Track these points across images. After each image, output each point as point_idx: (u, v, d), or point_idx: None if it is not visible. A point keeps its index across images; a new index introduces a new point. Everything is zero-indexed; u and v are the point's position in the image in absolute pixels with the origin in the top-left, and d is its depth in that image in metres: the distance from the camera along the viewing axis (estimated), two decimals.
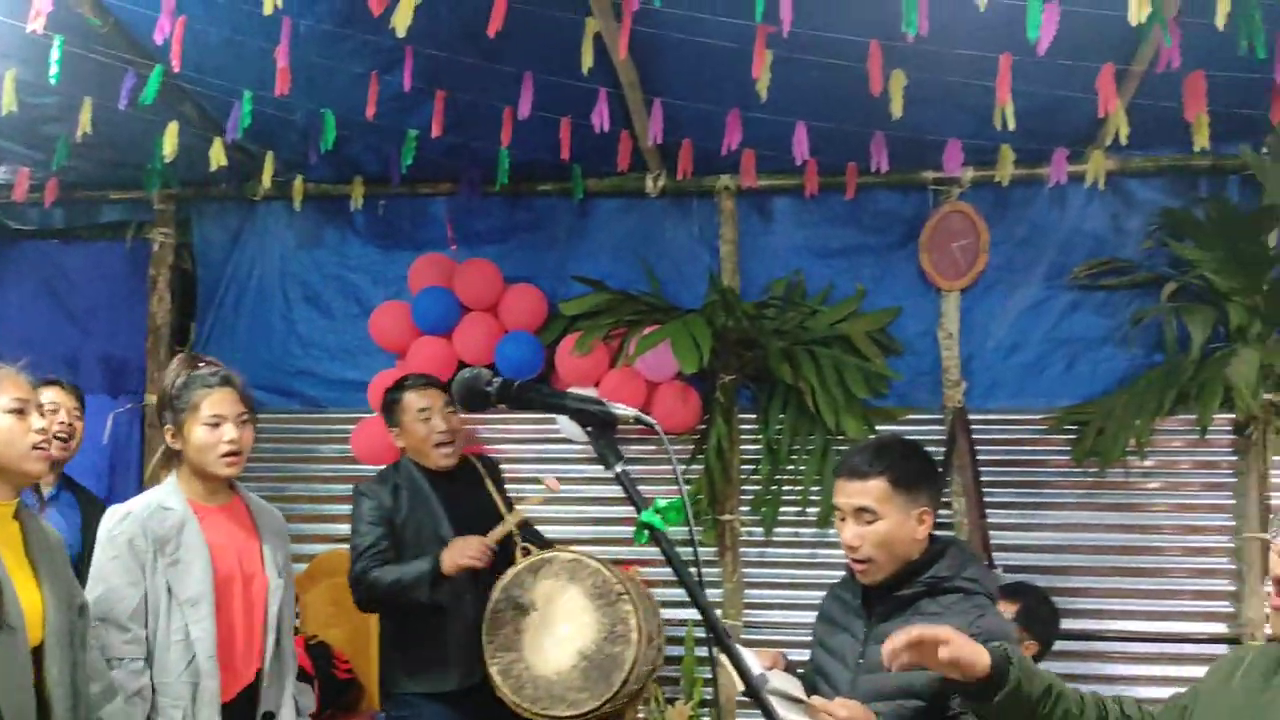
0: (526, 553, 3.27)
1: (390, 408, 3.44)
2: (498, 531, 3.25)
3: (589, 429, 1.44)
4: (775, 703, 1.58)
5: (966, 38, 3.18)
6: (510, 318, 4.35)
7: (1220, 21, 2.64)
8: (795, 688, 2.11)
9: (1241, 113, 3.46)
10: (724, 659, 2.02)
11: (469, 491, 3.46)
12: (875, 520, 2.15)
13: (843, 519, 2.22)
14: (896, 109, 3.28)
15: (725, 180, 4.35)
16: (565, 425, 4.30)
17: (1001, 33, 3.00)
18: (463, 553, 3.10)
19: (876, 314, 4.32)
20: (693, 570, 1.37)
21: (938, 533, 2.25)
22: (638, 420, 1.43)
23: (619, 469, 1.42)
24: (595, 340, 4.19)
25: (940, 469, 4.15)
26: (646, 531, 1.38)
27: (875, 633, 2.19)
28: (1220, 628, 4.10)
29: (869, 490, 2.16)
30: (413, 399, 3.38)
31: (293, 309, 4.69)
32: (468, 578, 3.21)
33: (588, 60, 3.19)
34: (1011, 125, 3.18)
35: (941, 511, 4.17)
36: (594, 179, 4.39)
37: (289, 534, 3.07)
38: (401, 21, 2.89)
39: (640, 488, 1.51)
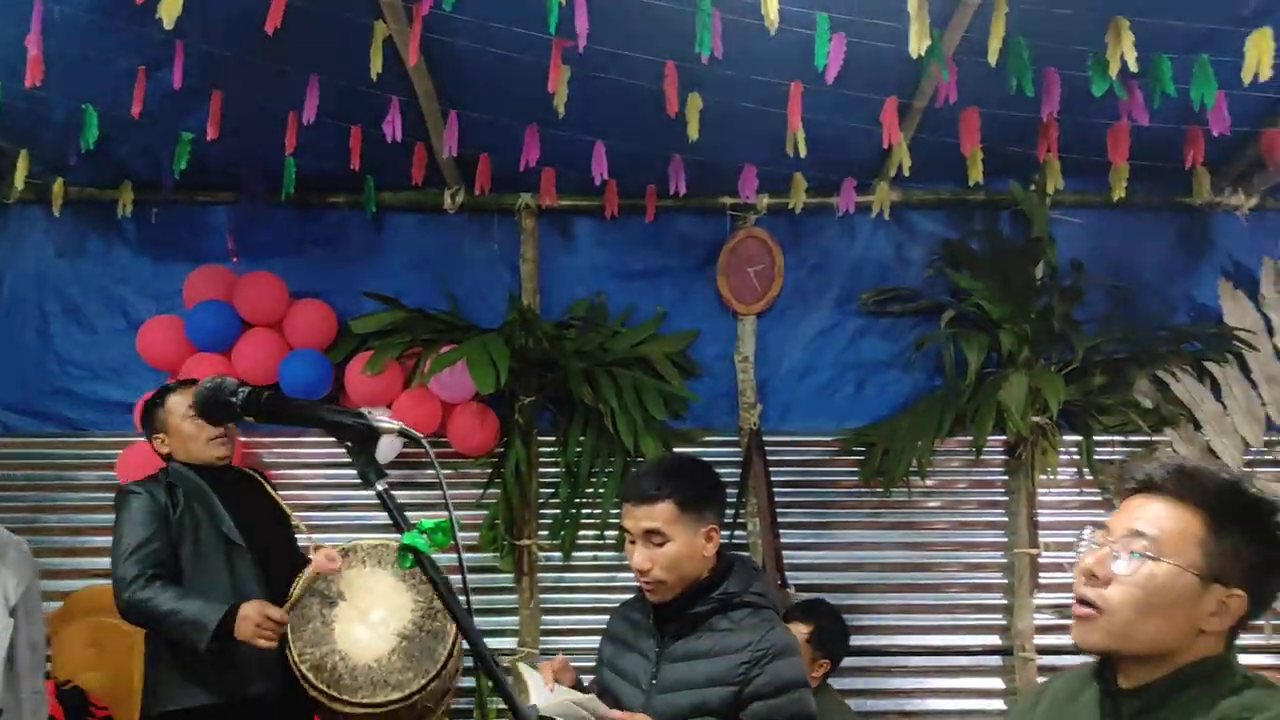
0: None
1: (152, 413, 3.18)
2: (296, 592, 3.06)
3: (348, 444, 1.32)
4: None
5: (760, 64, 3.23)
6: (296, 335, 4.12)
7: (993, 59, 2.78)
8: (584, 704, 2.05)
9: (1013, 150, 3.66)
10: (524, 673, 1.96)
11: (250, 493, 3.28)
12: (665, 542, 2.15)
13: (632, 542, 2.21)
14: (693, 132, 3.30)
15: (526, 198, 4.28)
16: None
17: (794, 61, 3.06)
18: (259, 632, 2.85)
19: (676, 336, 4.34)
20: (462, 597, 1.28)
21: (732, 548, 2.27)
22: (402, 434, 1.33)
23: (380, 487, 1.31)
24: (388, 360, 4.02)
25: (733, 487, 4.22)
26: (410, 555, 1.27)
27: (668, 651, 2.19)
28: (994, 639, 4.30)
29: (656, 514, 2.15)
30: (177, 399, 3.15)
31: (50, 323, 4.29)
32: (259, 574, 3.06)
33: (377, 65, 3.06)
34: (803, 153, 3.26)
35: (737, 532, 4.25)
36: (389, 192, 4.23)
37: (38, 568, 2.77)
38: (169, 12, 2.68)
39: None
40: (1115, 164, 3.46)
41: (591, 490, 4.29)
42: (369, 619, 3.05)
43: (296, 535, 3.33)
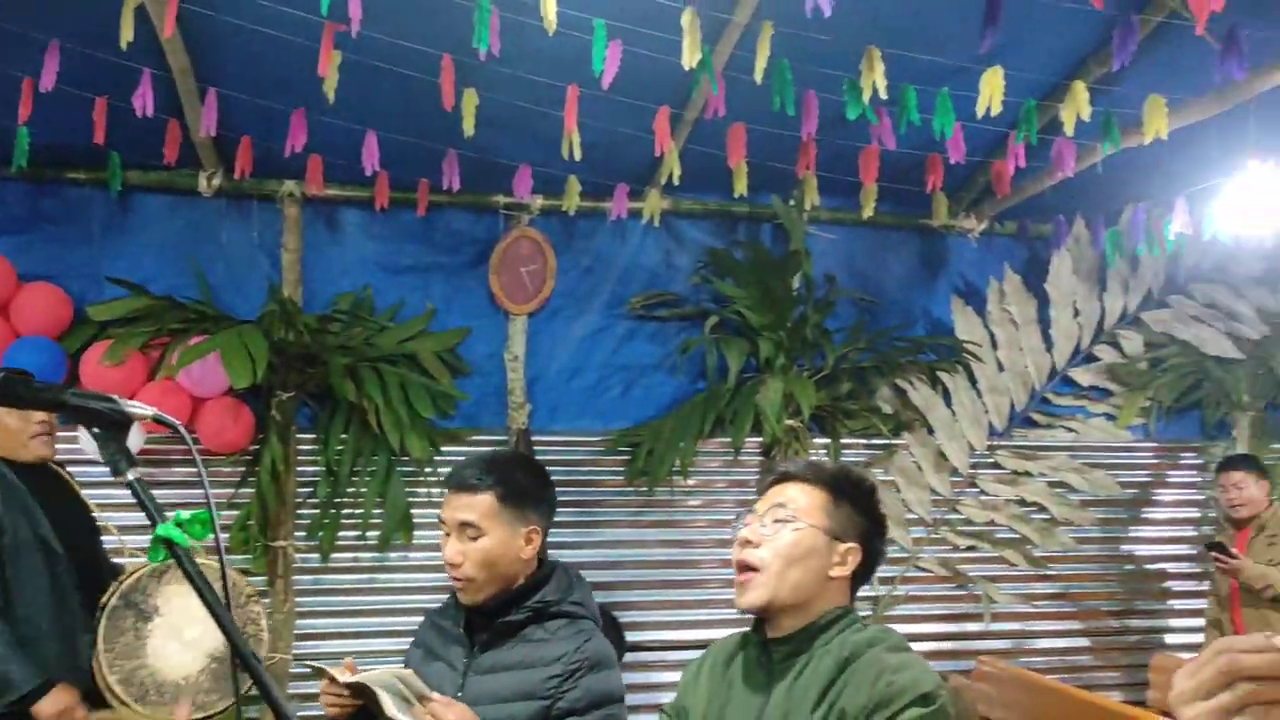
0: None
1: None
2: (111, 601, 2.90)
3: (95, 431, 1.22)
4: None
5: (539, 65, 3.25)
6: (25, 320, 3.78)
7: (758, 77, 2.91)
8: (405, 678, 1.95)
9: (775, 165, 3.85)
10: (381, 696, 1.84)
11: (60, 492, 3.04)
12: (479, 536, 2.03)
13: (447, 534, 2.08)
14: (469, 128, 3.27)
15: (290, 185, 4.11)
16: (84, 441, 3.80)
17: (571, 64, 3.10)
18: None
19: (446, 334, 4.28)
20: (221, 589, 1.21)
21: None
22: (158, 420, 1.24)
23: (132, 476, 1.22)
24: (130, 349, 3.75)
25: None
26: (164, 547, 1.20)
27: (477, 663, 2.07)
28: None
29: (475, 505, 2.04)
30: None
31: None
32: (77, 583, 2.89)
33: (127, 34, 2.85)
34: (578, 156, 3.30)
35: None
36: (137, 171, 3.95)
37: None
38: None
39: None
40: (866, 184, 3.71)
41: (353, 490, 4.16)
42: (183, 636, 2.98)
43: (106, 537, 3.17)
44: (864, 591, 1.83)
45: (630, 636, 4.32)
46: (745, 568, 1.73)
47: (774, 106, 3.09)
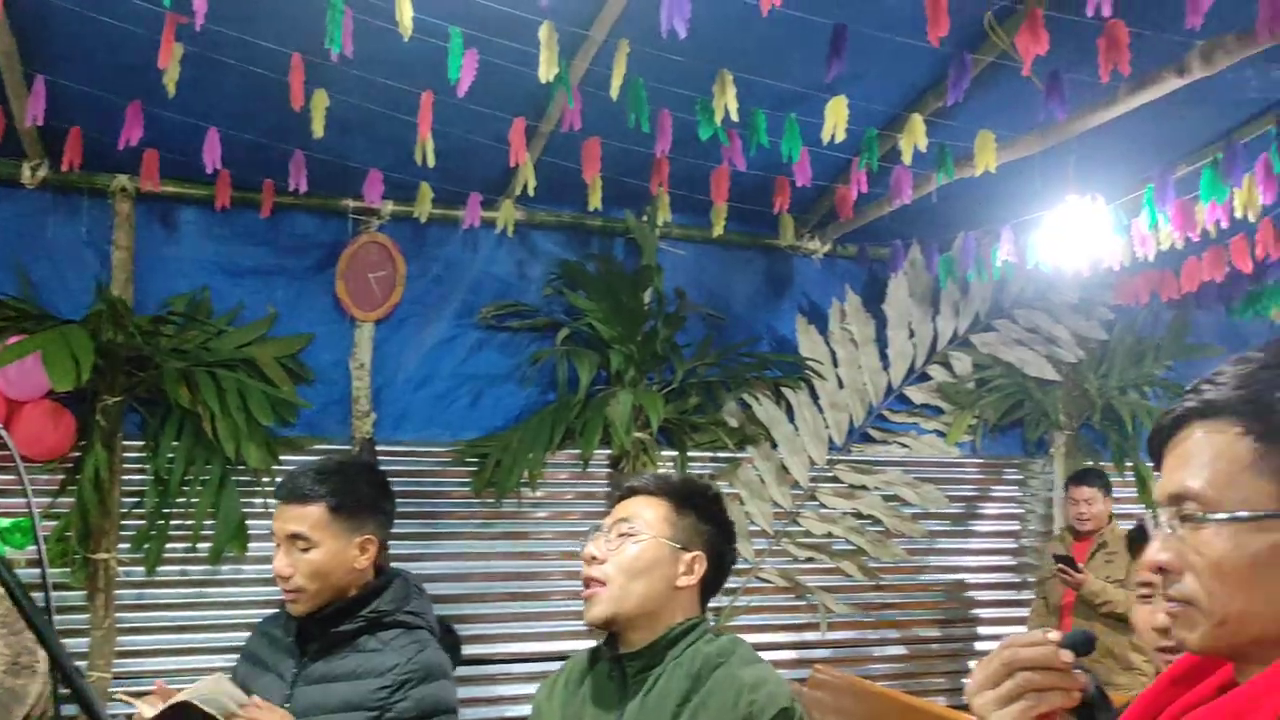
0: None
1: None
2: None
3: None
4: None
5: (393, 69, 3.20)
6: None
7: (614, 93, 2.94)
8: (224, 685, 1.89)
9: (629, 181, 3.90)
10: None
11: None
12: (310, 548, 2.00)
13: (278, 545, 2.04)
14: (318, 129, 3.19)
15: (122, 180, 3.91)
16: None
17: (426, 70, 3.06)
18: None
19: (288, 339, 4.15)
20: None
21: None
22: None
23: None
24: None
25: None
26: None
27: (307, 673, 2.03)
28: (594, 644, 4.50)
29: (306, 516, 2.01)
30: None
31: None
32: None
33: None
34: (431, 162, 3.26)
35: None
36: None
37: None
38: None
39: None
40: (716, 203, 3.79)
41: (184, 500, 3.98)
42: None
43: None
44: (709, 603, 1.87)
45: (475, 649, 4.28)
46: (590, 582, 1.75)
47: (629, 123, 3.13)
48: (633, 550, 1.74)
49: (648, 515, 1.77)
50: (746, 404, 4.74)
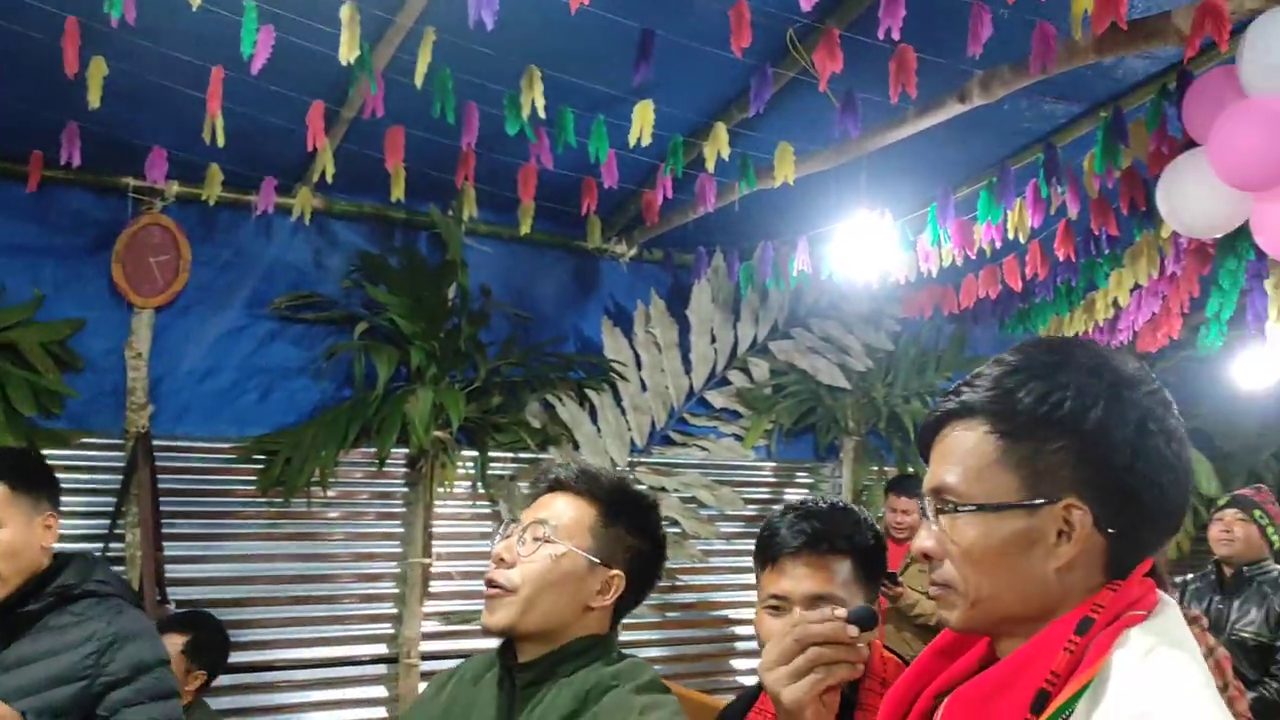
0: None
1: None
2: None
3: None
4: None
5: (180, 40, 3.01)
6: None
7: (419, 81, 2.87)
8: None
9: (435, 174, 3.81)
10: None
11: None
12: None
13: None
14: (94, 99, 2.96)
15: None
16: None
17: (217, 44, 2.89)
18: None
19: (56, 324, 3.83)
20: None
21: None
22: None
23: None
24: None
25: (113, 495, 3.85)
26: None
27: (3, 658, 2.00)
28: (382, 649, 4.39)
29: None
30: None
31: None
32: None
33: None
34: (221, 142, 3.08)
35: (114, 545, 3.86)
36: None
37: None
38: None
39: None
40: (524, 201, 3.76)
41: None
42: None
43: None
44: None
45: (259, 655, 4.08)
46: (493, 585, 1.60)
47: (434, 113, 3.06)
48: (546, 560, 1.58)
49: (569, 520, 1.62)
50: (550, 404, 4.72)
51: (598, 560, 1.60)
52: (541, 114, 3.07)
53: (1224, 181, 2.65)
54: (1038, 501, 1.00)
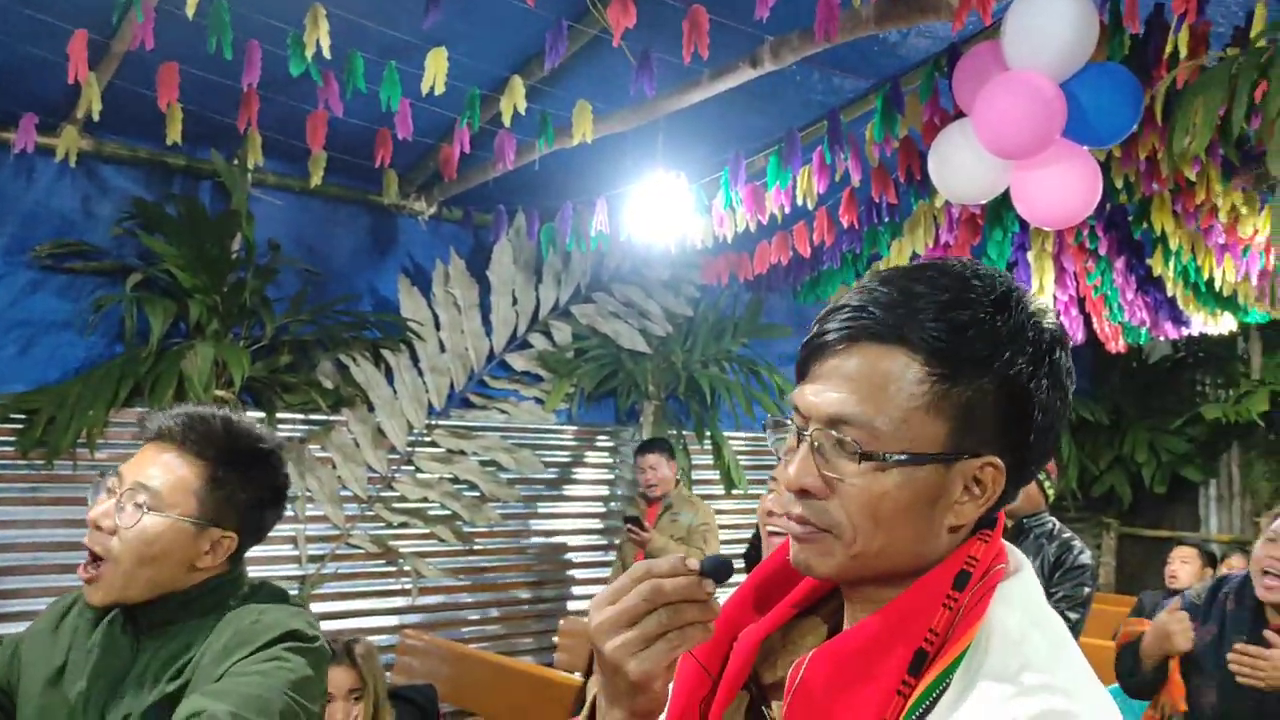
0: None
1: None
2: None
3: None
4: None
5: None
6: None
7: (190, 12, 2.70)
8: None
9: (217, 118, 3.60)
10: None
11: None
12: None
13: None
14: None
15: None
16: None
17: None
18: None
19: None
20: None
21: None
22: None
23: None
24: None
25: None
26: None
27: None
28: None
29: None
30: None
31: None
32: None
33: None
34: None
35: None
36: None
37: None
38: None
39: None
40: (313, 150, 3.60)
41: None
42: None
43: None
44: (292, 570, 1.71)
45: (20, 628, 3.78)
46: (93, 557, 1.49)
47: (210, 48, 2.89)
48: (146, 530, 1.47)
49: (173, 482, 1.49)
50: (343, 364, 4.58)
51: (205, 522, 1.51)
52: (326, 54, 2.94)
53: (987, 149, 2.82)
54: (961, 455, 0.88)
